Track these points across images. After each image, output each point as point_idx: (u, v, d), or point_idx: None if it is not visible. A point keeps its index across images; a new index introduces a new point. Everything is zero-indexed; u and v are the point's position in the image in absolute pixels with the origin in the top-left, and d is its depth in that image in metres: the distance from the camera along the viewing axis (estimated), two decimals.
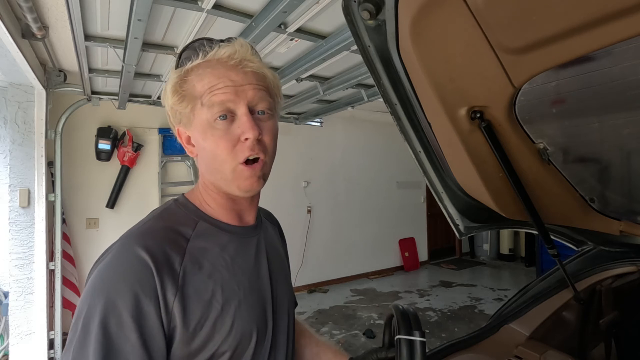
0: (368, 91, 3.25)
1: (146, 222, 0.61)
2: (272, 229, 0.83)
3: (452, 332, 3.81)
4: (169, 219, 0.63)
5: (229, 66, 0.60)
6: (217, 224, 0.65)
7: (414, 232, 6.67)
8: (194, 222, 0.63)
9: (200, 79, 0.59)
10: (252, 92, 0.60)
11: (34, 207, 2.87)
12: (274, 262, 0.72)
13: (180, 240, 0.59)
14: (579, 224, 1.18)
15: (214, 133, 0.59)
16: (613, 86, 0.75)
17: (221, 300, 0.58)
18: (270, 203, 4.67)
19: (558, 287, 1.26)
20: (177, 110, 0.62)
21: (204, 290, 0.57)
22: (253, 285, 0.64)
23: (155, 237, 0.58)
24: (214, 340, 0.56)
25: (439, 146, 1.07)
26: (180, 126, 0.64)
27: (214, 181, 0.64)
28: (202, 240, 0.61)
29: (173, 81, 0.62)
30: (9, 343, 2.83)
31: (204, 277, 0.58)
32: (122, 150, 3.78)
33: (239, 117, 0.59)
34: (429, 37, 0.75)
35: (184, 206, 0.66)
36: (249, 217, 0.70)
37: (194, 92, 0.60)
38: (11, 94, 2.80)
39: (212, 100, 0.58)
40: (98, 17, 1.95)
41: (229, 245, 0.64)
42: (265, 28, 1.80)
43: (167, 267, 0.55)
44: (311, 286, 5.31)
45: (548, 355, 1.05)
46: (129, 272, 0.53)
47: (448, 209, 1.24)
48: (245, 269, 0.64)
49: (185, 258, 0.57)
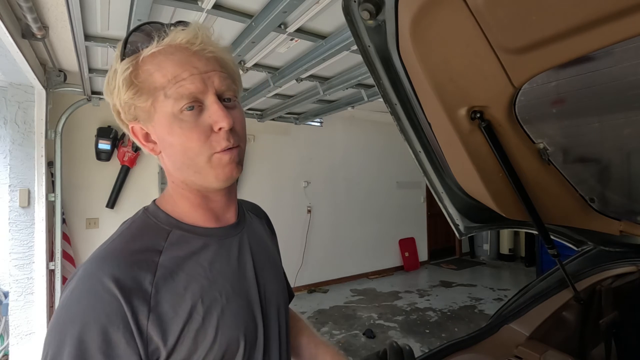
0: (368, 91, 3.25)
1: (113, 241, 0.57)
2: (259, 223, 0.78)
3: (452, 332, 3.81)
4: (138, 234, 0.58)
5: (190, 52, 0.54)
6: (191, 229, 0.60)
7: (414, 232, 6.67)
8: (166, 232, 0.58)
9: (159, 67, 0.53)
10: (218, 80, 0.55)
11: (34, 207, 2.87)
12: (261, 259, 0.68)
13: (150, 256, 0.55)
14: (579, 224, 1.18)
15: (182, 125, 0.54)
16: (613, 86, 0.75)
17: (202, 311, 0.55)
18: (270, 203, 4.70)
19: (558, 287, 1.26)
20: (133, 105, 0.55)
21: (181, 304, 0.54)
22: (237, 289, 0.61)
23: (121, 261, 0.53)
24: (197, 353, 0.53)
25: (439, 146, 1.07)
26: (136, 123, 0.58)
27: (184, 178, 0.59)
28: (176, 250, 0.57)
29: (124, 72, 0.54)
30: (9, 343, 2.83)
31: (180, 289, 0.54)
32: (122, 150, 3.78)
33: (209, 106, 0.55)
34: (429, 37, 0.75)
35: (154, 216, 0.60)
36: (228, 215, 0.66)
37: (152, 83, 0.54)
38: (11, 94, 2.80)
39: (178, 91, 0.53)
40: (98, 17, 1.96)
41: (207, 250, 0.60)
42: (265, 28, 1.80)
43: (135, 290, 0.51)
44: (311, 286, 5.31)
45: (548, 355, 1.05)
46: (94, 303, 0.49)
47: (448, 209, 1.24)
48: (226, 273, 0.61)
49: (157, 274, 0.54)
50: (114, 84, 0.56)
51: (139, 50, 0.55)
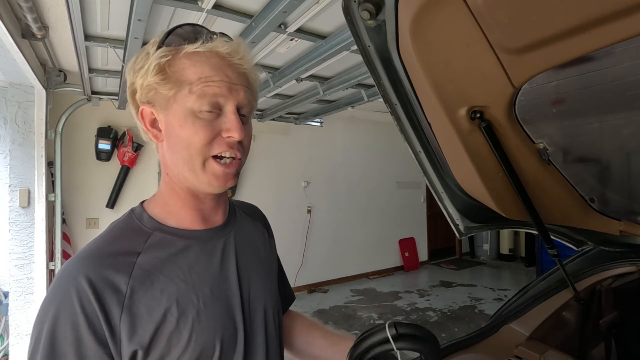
0: (368, 91, 3.25)
1: (94, 242, 0.59)
2: (252, 225, 0.77)
3: (452, 332, 3.81)
4: (119, 235, 0.60)
5: (227, 62, 0.58)
6: (174, 232, 0.61)
7: (414, 232, 6.67)
8: (147, 235, 0.60)
9: (194, 65, 0.57)
10: (242, 94, 0.59)
11: (34, 207, 2.87)
12: (247, 262, 0.68)
13: (128, 257, 0.56)
14: (579, 224, 1.18)
15: (195, 122, 0.56)
16: (613, 86, 0.75)
17: (176, 314, 0.55)
18: (270, 203, 4.70)
19: (558, 287, 1.26)
20: (154, 89, 0.57)
21: (156, 306, 0.55)
22: (216, 293, 0.61)
23: (98, 261, 0.55)
24: (170, 355, 0.54)
25: (439, 146, 1.07)
26: (149, 106, 0.59)
27: (178, 173, 0.60)
28: (155, 251, 0.58)
29: (160, 58, 0.56)
30: (9, 343, 2.83)
31: (156, 292, 0.55)
32: (122, 150, 3.78)
33: (227, 114, 0.58)
34: (429, 37, 0.75)
35: (138, 218, 0.62)
36: (216, 217, 0.67)
37: (183, 76, 0.56)
38: (11, 94, 2.80)
39: (204, 90, 0.56)
40: (98, 17, 1.96)
41: (187, 253, 0.61)
42: (265, 28, 1.80)
43: (109, 291, 0.53)
44: (311, 286, 5.31)
45: (548, 355, 1.04)
46: (67, 302, 0.51)
47: (448, 209, 1.24)
48: (206, 276, 0.61)
49: (133, 275, 0.55)
50: (143, 64, 0.58)
51: (182, 44, 0.57)
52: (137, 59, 0.59)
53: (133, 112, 0.63)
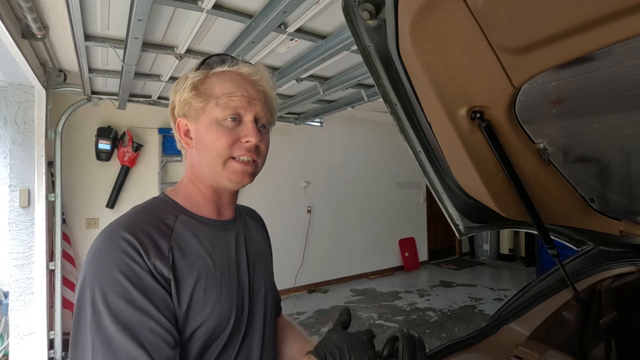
0: (368, 91, 3.25)
1: (129, 216, 0.65)
2: (254, 225, 0.88)
3: (452, 332, 3.81)
4: (151, 211, 0.68)
5: (248, 81, 0.70)
6: (197, 217, 0.71)
7: (414, 232, 6.67)
8: (175, 215, 0.69)
9: (221, 83, 0.69)
10: (260, 107, 0.70)
11: (34, 207, 2.87)
12: (253, 253, 0.78)
13: (164, 228, 0.65)
14: (579, 224, 1.18)
15: (219, 129, 0.67)
16: (613, 86, 0.75)
17: (204, 284, 0.63)
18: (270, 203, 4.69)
19: (558, 287, 1.26)
20: (189, 103, 0.69)
21: (190, 274, 0.62)
22: (233, 272, 0.70)
23: (141, 226, 0.62)
24: (194, 320, 0.61)
25: (439, 146, 1.07)
26: (184, 119, 0.71)
27: (203, 172, 0.71)
28: (184, 229, 0.67)
29: (195, 78, 0.69)
30: (9, 343, 2.83)
31: (189, 262, 0.64)
32: (122, 150, 3.78)
33: (245, 123, 0.69)
34: (429, 37, 0.75)
35: (164, 202, 0.71)
36: (228, 212, 0.77)
37: (211, 92, 0.68)
38: (11, 94, 2.80)
39: (228, 103, 0.67)
40: (98, 17, 1.95)
41: (210, 236, 0.70)
42: (265, 28, 1.80)
43: (155, 250, 0.60)
44: (311, 286, 5.31)
45: (548, 355, 1.05)
46: (119, 253, 0.58)
47: (448, 209, 1.24)
48: (225, 257, 0.70)
49: (172, 243, 0.63)
50: (182, 85, 0.71)
51: (212, 67, 0.71)
52: (178, 82, 0.73)
53: (172, 125, 0.75)
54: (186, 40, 2.12)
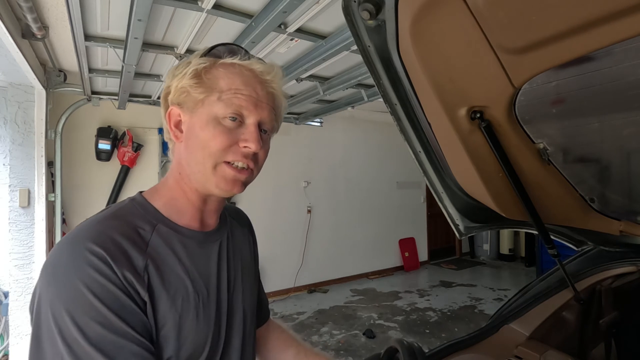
0: (368, 91, 3.25)
1: (97, 223, 0.56)
2: (240, 231, 0.79)
3: (452, 332, 3.81)
4: (125, 218, 0.58)
5: (258, 80, 0.62)
6: (176, 228, 0.62)
7: (414, 232, 6.67)
8: (152, 225, 0.60)
9: (228, 76, 0.61)
10: (267, 111, 0.63)
11: (34, 207, 2.87)
12: (235, 268, 0.71)
13: (139, 241, 0.56)
14: (579, 224, 1.18)
15: (216, 127, 0.59)
16: (613, 86, 0.75)
17: (180, 310, 0.57)
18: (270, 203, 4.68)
19: (558, 287, 1.26)
20: (187, 91, 0.61)
21: (165, 299, 0.55)
22: (212, 294, 0.63)
23: (111, 235, 0.54)
24: (169, 347, 0.55)
25: (439, 146, 1.07)
26: (178, 107, 0.62)
27: (190, 173, 0.63)
28: (161, 243, 0.59)
29: (199, 65, 0.61)
30: (9, 343, 2.83)
31: (166, 284, 0.56)
32: (122, 150, 3.78)
33: (247, 126, 0.61)
34: (429, 37, 0.75)
35: (141, 206, 0.62)
36: (212, 220, 0.68)
37: (215, 83, 0.60)
38: (11, 94, 2.80)
39: (232, 99, 0.59)
40: (98, 17, 1.95)
41: (190, 251, 0.62)
42: (265, 28, 1.80)
43: (130, 266, 0.52)
44: (311, 286, 5.31)
45: (548, 355, 1.04)
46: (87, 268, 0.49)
47: (448, 209, 1.24)
48: (205, 276, 0.63)
49: (148, 261, 0.55)
50: (182, 70, 0.62)
51: (221, 57, 0.62)
52: (178, 66, 0.64)
53: (162, 112, 0.66)
54: (186, 40, 2.12)
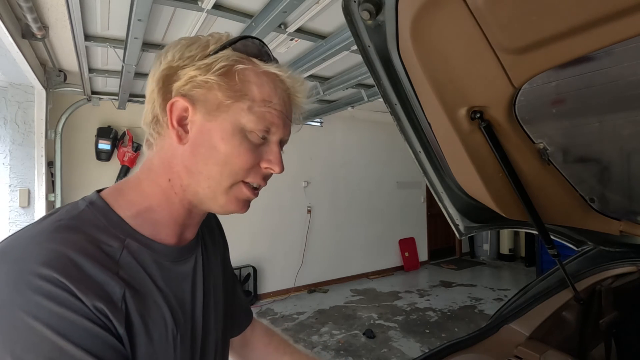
0: (368, 91, 3.26)
1: (43, 238, 0.43)
2: (210, 236, 0.69)
3: (452, 332, 3.81)
4: (82, 232, 0.46)
5: (288, 93, 0.56)
6: (149, 244, 0.52)
7: (414, 232, 6.67)
8: (121, 240, 0.48)
9: (262, 85, 0.53)
10: (289, 129, 0.58)
11: (34, 207, 2.87)
12: (209, 284, 0.62)
13: (107, 262, 0.45)
14: (579, 224, 1.18)
15: (242, 142, 0.51)
16: (613, 86, 0.75)
17: (157, 346, 0.48)
18: (270, 203, 4.69)
19: (558, 287, 1.26)
20: (209, 87, 0.50)
21: (142, 332, 0.46)
22: (187, 319, 0.55)
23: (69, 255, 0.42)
24: None
25: (439, 146, 1.07)
26: (186, 101, 0.51)
27: (189, 185, 0.53)
28: (134, 264, 0.48)
29: (235, 64, 0.51)
30: None
31: (144, 313, 0.47)
32: (122, 150, 3.79)
33: (271, 145, 0.55)
34: (429, 37, 0.75)
35: (104, 216, 0.50)
36: (190, 234, 0.59)
37: (247, 90, 0.52)
38: (11, 94, 2.80)
39: (265, 114, 0.52)
40: (98, 17, 1.96)
41: (164, 272, 0.52)
42: (265, 28, 1.80)
43: (100, 292, 0.42)
44: (311, 286, 5.31)
45: (548, 355, 1.04)
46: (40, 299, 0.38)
47: (448, 209, 1.24)
48: (180, 301, 0.54)
49: (124, 288, 0.45)
50: (204, 60, 0.50)
51: (256, 59, 0.54)
52: (191, 45, 0.52)
53: (157, 97, 0.52)
54: None
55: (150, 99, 0.53)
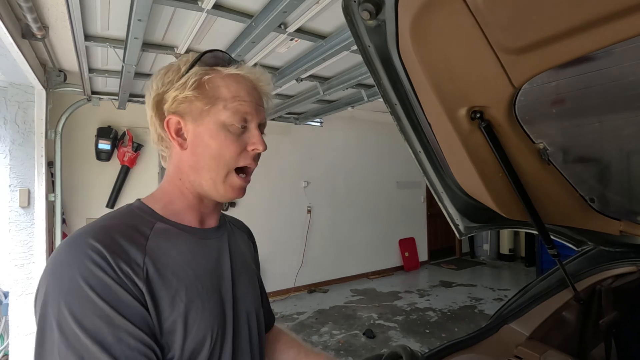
0: (368, 91, 3.26)
1: (97, 222, 0.59)
2: (241, 235, 0.83)
3: (452, 332, 3.81)
4: (124, 219, 0.61)
5: (253, 85, 0.67)
6: (175, 225, 0.64)
7: (414, 232, 6.67)
8: (151, 223, 0.62)
9: (228, 85, 0.64)
10: (263, 113, 0.68)
11: (34, 207, 2.87)
12: (238, 264, 0.72)
13: (138, 237, 0.58)
14: (579, 224, 1.18)
15: (227, 135, 0.63)
16: (613, 86, 0.75)
17: (185, 300, 0.58)
18: (270, 203, 4.68)
19: (558, 287, 1.26)
20: (189, 101, 0.63)
21: (167, 290, 0.57)
22: (215, 285, 0.64)
23: (111, 233, 0.56)
24: (173, 337, 0.56)
25: (439, 146, 1.07)
26: (177, 116, 0.64)
27: (194, 179, 0.65)
28: (161, 239, 0.61)
29: (202, 76, 0.63)
30: (9, 343, 2.83)
31: (168, 275, 0.58)
32: (122, 150, 3.78)
33: (251, 130, 0.66)
34: (429, 37, 0.75)
35: (139, 209, 0.64)
36: (211, 220, 0.71)
37: (218, 94, 0.63)
38: (11, 94, 2.80)
39: (237, 107, 0.63)
40: (98, 17, 1.96)
41: (190, 244, 0.64)
42: (265, 28, 1.80)
43: (127, 260, 0.54)
44: (311, 286, 5.31)
45: (548, 355, 1.05)
46: (86, 261, 0.51)
47: (448, 209, 1.24)
48: (207, 268, 0.64)
49: (147, 254, 0.57)
50: (179, 81, 0.63)
51: (218, 66, 0.66)
52: (167, 73, 0.65)
53: (155, 121, 0.67)
54: (186, 40, 2.12)
55: (152, 123, 0.68)
